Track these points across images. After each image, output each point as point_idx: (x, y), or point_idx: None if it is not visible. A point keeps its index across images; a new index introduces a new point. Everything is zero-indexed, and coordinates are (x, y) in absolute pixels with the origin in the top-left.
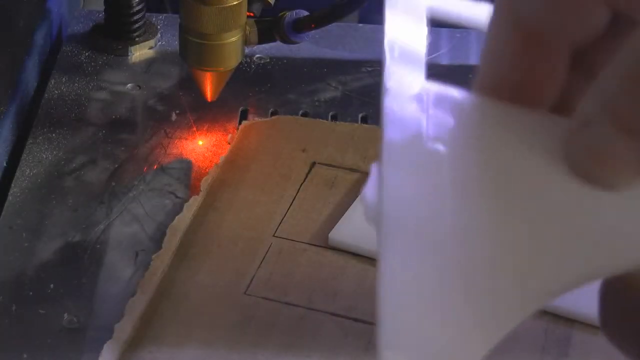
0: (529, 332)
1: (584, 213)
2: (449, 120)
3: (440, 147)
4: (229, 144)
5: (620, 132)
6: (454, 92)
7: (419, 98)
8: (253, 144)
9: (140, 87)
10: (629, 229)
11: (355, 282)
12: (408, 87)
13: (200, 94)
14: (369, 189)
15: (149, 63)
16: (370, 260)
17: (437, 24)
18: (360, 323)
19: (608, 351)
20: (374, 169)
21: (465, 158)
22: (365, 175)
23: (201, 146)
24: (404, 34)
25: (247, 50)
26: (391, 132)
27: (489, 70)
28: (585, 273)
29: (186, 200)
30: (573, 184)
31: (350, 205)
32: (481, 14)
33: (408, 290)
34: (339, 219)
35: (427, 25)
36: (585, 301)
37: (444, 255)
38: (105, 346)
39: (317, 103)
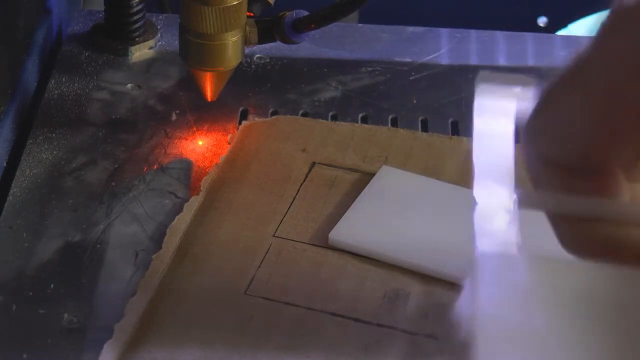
0: None
1: None
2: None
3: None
4: (229, 144)
5: None
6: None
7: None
8: (253, 144)
9: (140, 87)
10: None
11: (355, 282)
12: (497, 204)
13: (200, 94)
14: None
15: (149, 63)
16: (370, 260)
17: (437, 24)
18: (360, 323)
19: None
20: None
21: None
22: (365, 175)
23: (201, 146)
24: (491, 143)
25: (247, 50)
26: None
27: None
28: None
29: (186, 200)
30: None
31: (350, 205)
32: None
33: None
34: (339, 219)
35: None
36: None
37: None
38: (105, 346)
39: (317, 103)
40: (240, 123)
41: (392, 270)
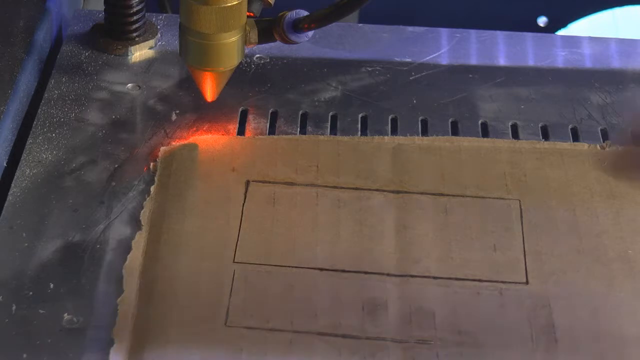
0: (512, 324)
1: None
2: None
3: None
4: (153, 172)
5: None
6: None
7: None
8: (180, 169)
9: (140, 87)
10: None
11: (330, 297)
12: None
13: (200, 94)
14: None
15: (149, 63)
16: (336, 272)
17: (437, 24)
18: (350, 339)
19: (593, 330)
20: None
21: None
22: (302, 187)
23: None
24: None
25: (247, 50)
26: None
27: None
28: None
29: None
30: None
31: (298, 222)
32: None
33: None
34: (292, 237)
35: None
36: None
37: None
38: None
39: (317, 103)
40: (240, 123)
41: (362, 280)
